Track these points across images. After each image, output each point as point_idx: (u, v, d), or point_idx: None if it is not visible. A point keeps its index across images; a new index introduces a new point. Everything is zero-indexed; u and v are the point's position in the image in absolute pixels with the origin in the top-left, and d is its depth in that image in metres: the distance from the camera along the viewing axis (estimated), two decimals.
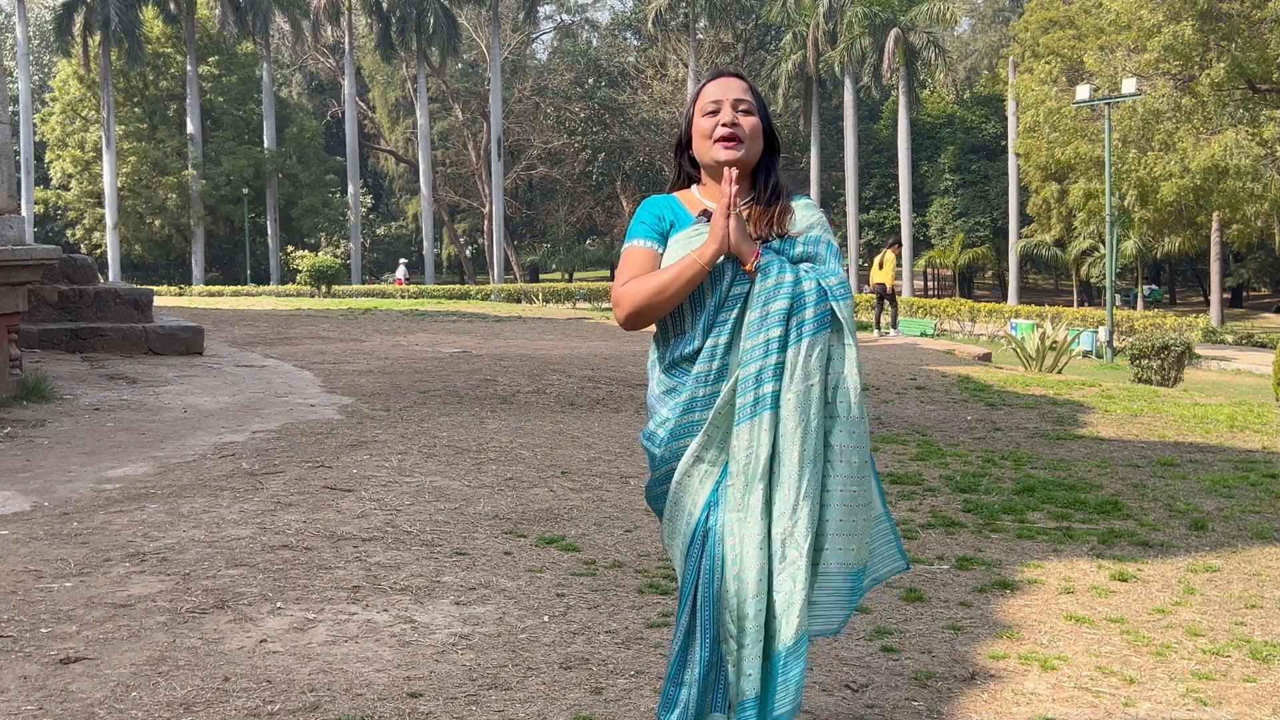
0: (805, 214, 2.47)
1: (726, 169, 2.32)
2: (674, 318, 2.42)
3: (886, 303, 20.53)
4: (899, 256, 21.31)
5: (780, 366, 2.32)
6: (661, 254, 2.42)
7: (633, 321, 2.39)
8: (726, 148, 2.41)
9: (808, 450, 2.32)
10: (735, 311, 2.36)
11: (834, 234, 2.54)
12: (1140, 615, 4.09)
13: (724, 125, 2.41)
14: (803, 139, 51.86)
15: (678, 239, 2.41)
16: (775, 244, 2.41)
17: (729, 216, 2.30)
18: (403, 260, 49.73)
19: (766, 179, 2.48)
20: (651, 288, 2.34)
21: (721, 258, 2.35)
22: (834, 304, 2.37)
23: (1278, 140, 31.38)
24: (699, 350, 2.38)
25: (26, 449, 6.51)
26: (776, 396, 2.32)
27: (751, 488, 2.33)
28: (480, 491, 5.63)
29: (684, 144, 2.53)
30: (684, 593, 2.39)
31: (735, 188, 2.31)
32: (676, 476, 2.40)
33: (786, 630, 2.31)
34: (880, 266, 20.13)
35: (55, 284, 10.69)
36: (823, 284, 2.36)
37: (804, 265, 2.41)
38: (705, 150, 2.45)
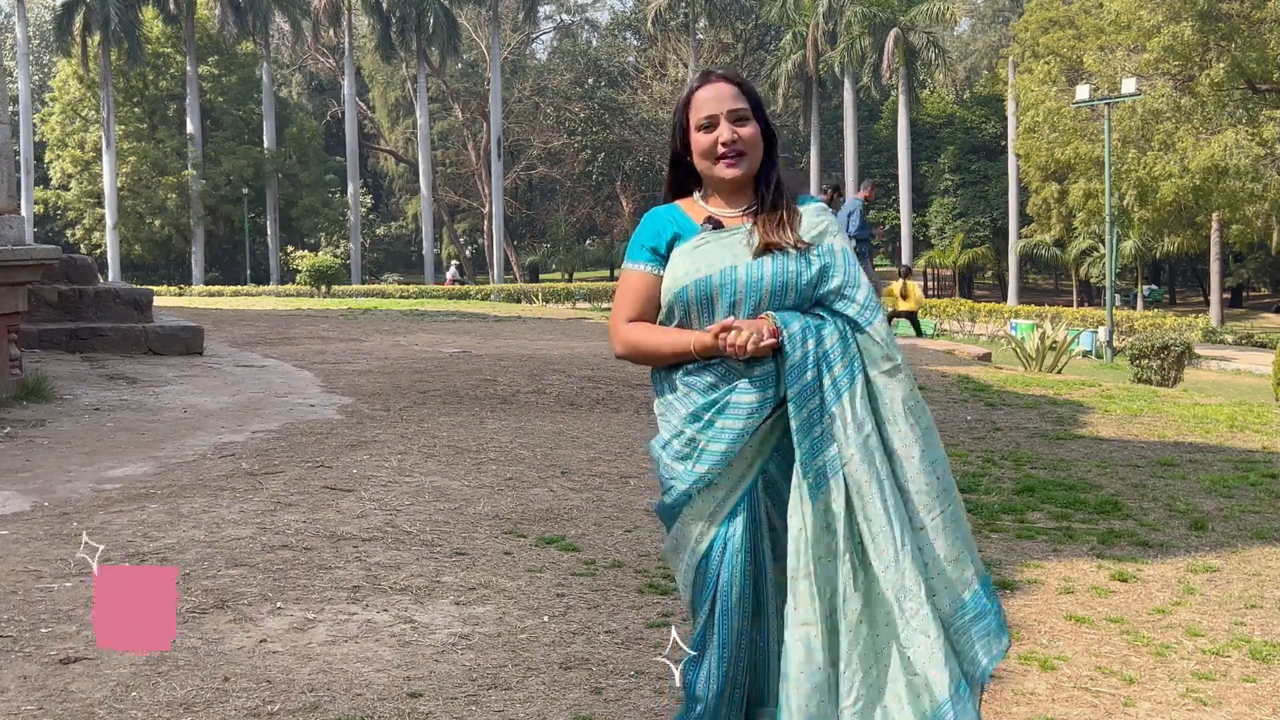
0: (815, 220, 2.40)
1: (732, 347, 2.25)
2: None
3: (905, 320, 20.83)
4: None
5: (830, 431, 2.27)
6: (660, 276, 2.39)
7: (624, 359, 2.45)
8: (729, 165, 2.37)
9: (888, 498, 2.26)
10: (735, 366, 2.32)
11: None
12: (1140, 615, 4.10)
13: (723, 145, 2.36)
14: (803, 139, 51.88)
15: (682, 249, 2.37)
16: (792, 263, 2.33)
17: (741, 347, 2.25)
18: (454, 261, 49.81)
19: (768, 181, 2.42)
20: (645, 348, 2.38)
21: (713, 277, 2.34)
22: (862, 334, 2.31)
23: (1278, 140, 31.38)
24: (704, 383, 2.33)
25: (26, 449, 6.51)
26: (836, 459, 2.27)
27: (839, 556, 2.27)
28: (480, 491, 5.63)
29: (679, 154, 2.46)
30: (698, 606, 2.34)
31: (743, 346, 2.25)
32: (688, 506, 2.34)
33: (939, 684, 2.20)
34: (905, 297, 20.74)
35: (55, 284, 10.69)
36: (841, 327, 2.30)
37: (820, 307, 2.34)
38: (707, 168, 2.41)
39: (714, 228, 2.39)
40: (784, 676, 2.25)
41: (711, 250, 2.35)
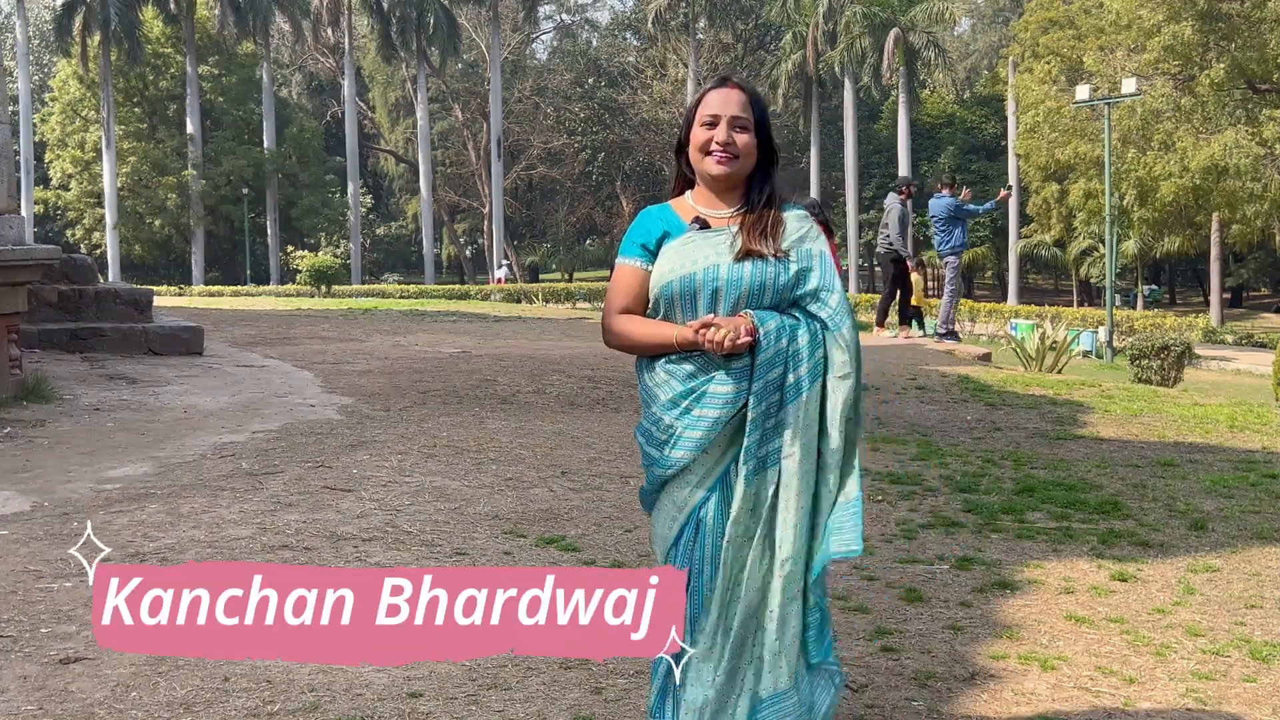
0: (796, 225, 2.54)
1: (710, 343, 2.37)
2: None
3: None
4: (923, 278, 22.05)
5: (781, 424, 2.42)
6: (649, 271, 2.53)
7: (613, 348, 2.60)
8: (718, 162, 2.51)
9: (806, 499, 2.43)
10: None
11: (835, 232, 2.59)
12: (1140, 615, 4.10)
13: (718, 143, 2.51)
14: (803, 139, 51.83)
15: (671, 247, 2.52)
16: (771, 266, 2.46)
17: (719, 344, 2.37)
18: (505, 261, 50.00)
19: (761, 188, 2.56)
20: (632, 338, 2.52)
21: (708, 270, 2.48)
22: (828, 336, 2.45)
23: (1278, 140, 31.36)
24: (684, 372, 2.47)
25: (26, 449, 6.51)
26: (778, 451, 2.42)
27: (754, 539, 2.44)
28: (480, 491, 5.63)
29: (683, 147, 2.61)
30: None
31: (720, 343, 2.37)
32: (663, 491, 2.52)
33: (786, 673, 2.43)
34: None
35: (55, 284, 10.68)
36: (813, 329, 2.44)
37: (796, 308, 2.47)
38: (699, 161, 2.55)
39: (701, 227, 2.53)
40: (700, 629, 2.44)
41: (697, 248, 2.49)
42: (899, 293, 15.06)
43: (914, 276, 21.06)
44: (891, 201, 14.36)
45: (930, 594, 4.28)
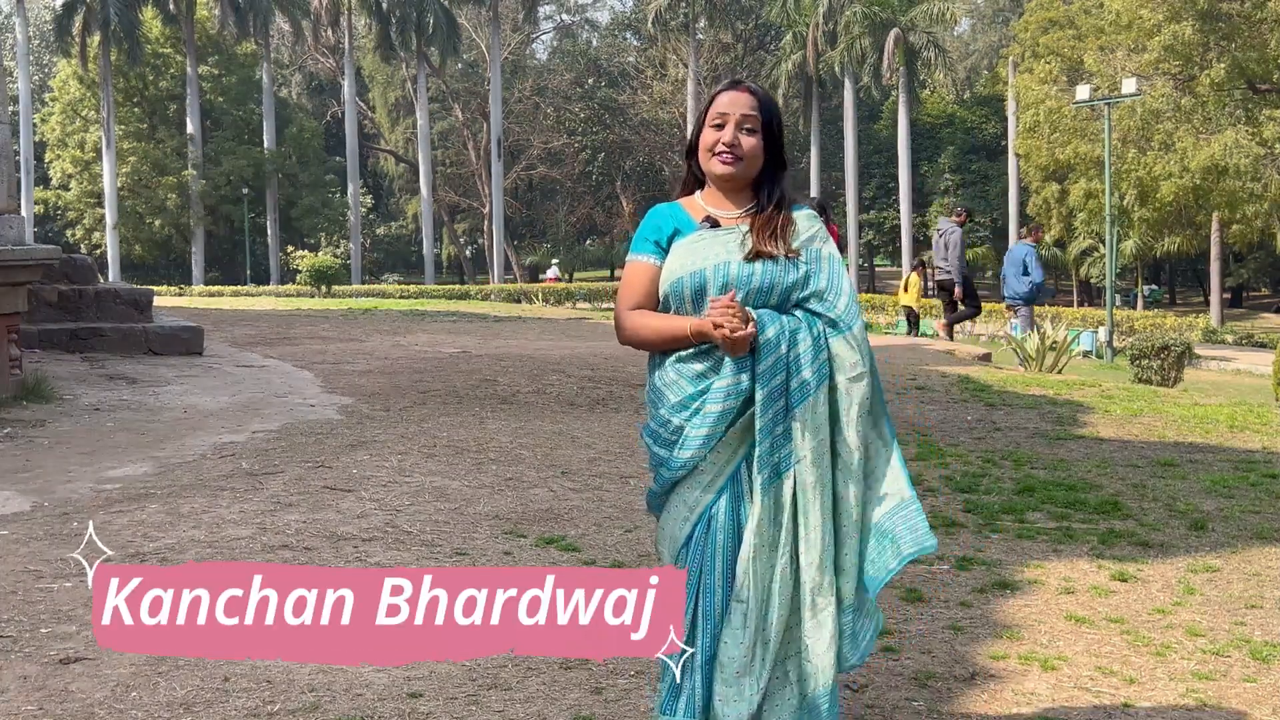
0: (806, 225, 2.56)
1: (723, 335, 2.37)
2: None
3: (911, 319, 21.15)
4: (923, 278, 22.18)
5: (789, 430, 2.43)
6: (661, 267, 2.54)
7: (627, 344, 2.60)
8: (723, 163, 2.53)
9: (826, 502, 2.45)
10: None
11: (840, 230, 2.61)
12: (1140, 615, 4.10)
13: (723, 144, 2.53)
14: (803, 139, 51.80)
15: (680, 244, 2.53)
16: (779, 266, 2.47)
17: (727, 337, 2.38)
18: (554, 260, 50.33)
19: (770, 190, 2.57)
20: (645, 334, 2.52)
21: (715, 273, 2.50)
22: (838, 338, 2.46)
23: (1278, 140, 31.34)
24: (694, 371, 2.47)
25: (26, 449, 6.51)
26: (790, 456, 2.43)
27: (780, 547, 2.45)
28: (480, 491, 5.63)
29: (693, 149, 2.63)
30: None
31: (731, 328, 2.37)
32: (673, 492, 2.51)
33: (825, 676, 2.44)
34: (905, 289, 21.11)
35: (55, 284, 10.68)
36: (815, 331, 2.45)
37: (800, 310, 2.48)
38: (705, 162, 2.57)
39: (711, 226, 2.54)
40: (722, 641, 2.43)
41: (707, 246, 2.51)
42: (951, 307, 15.26)
43: (913, 277, 21.29)
44: (948, 226, 14.30)
45: (930, 594, 4.28)
